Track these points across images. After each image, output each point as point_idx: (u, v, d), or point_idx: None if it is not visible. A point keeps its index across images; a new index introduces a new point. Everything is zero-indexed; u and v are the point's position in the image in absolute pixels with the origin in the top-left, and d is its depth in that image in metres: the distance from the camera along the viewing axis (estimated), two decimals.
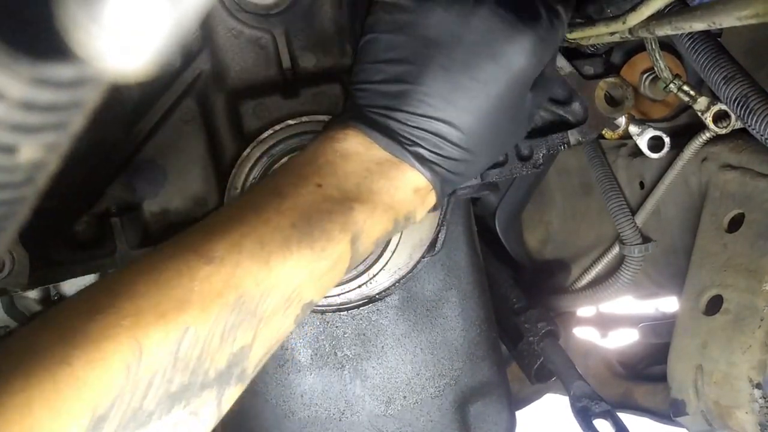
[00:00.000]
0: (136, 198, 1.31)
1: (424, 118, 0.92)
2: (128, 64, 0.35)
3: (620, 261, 1.72)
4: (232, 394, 0.82)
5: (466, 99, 0.92)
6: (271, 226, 0.81)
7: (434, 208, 1.01)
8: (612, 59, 1.55)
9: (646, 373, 1.86)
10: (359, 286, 1.29)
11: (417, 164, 0.92)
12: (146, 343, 0.71)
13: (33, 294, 1.33)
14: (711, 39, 1.26)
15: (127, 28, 0.34)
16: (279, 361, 1.31)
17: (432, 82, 0.91)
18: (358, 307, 1.31)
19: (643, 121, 1.48)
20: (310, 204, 0.85)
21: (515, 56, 0.92)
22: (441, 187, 0.96)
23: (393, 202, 0.91)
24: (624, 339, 1.97)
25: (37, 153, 0.42)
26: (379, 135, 0.92)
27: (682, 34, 1.26)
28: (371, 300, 1.31)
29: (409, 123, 0.92)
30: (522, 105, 0.98)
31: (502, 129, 0.97)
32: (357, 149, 0.92)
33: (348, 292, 1.29)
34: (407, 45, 0.93)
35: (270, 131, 1.28)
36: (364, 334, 1.32)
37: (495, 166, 1.31)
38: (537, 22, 0.94)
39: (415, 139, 0.92)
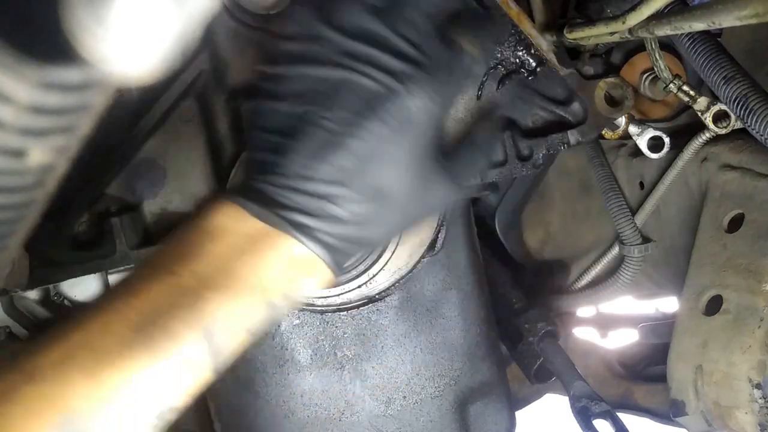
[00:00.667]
0: (136, 198, 1.31)
1: (303, 179, 0.81)
2: (135, 67, 0.35)
3: (620, 261, 1.72)
4: None
5: (354, 155, 0.81)
6: (110, 332, 0.73)
7: (333, 282, 0.87)
8: (612, 59, 1.55)
9: (646, 373, 1.86)
10: (359, 286, 1.29)
11: (294, 232, 0.80)
12: None
13: (33, 294, 1.33)
14: (711, 39, 1.26)
15: (133, 32, 0.34)
16: (279, 361, 1.31)
17: (309, 139, 0.82)
18: (357, 307, 1.31)
19: (643, 122, 1.48)
20: (157, 298, 0.75)
21: (413, 103, 0.82)
22: (331, 256, 0.82)
23: (262, 283, 0.79)
24: (624, 339, 1.97)
25: (46, 156, 0.41)
26: (249, 202, 0.80)
27: (681, 34, 1.26)
28: (371, 300, 1.31)
29: (285, 185, 0.81)
30: (425, 167, 0.86)
31: (403, 188, 0.85)
32: (226, 224, 0.80)
33: (348, 292, 1.29)
34: (284, 108, 0.84)
35: None
36: (363, 335, 1.32)
37: (495, 165, 1.31)
38: (436, 61, 0.84)
39: (292, 203, 0.80)
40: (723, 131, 1.41)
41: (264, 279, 0.80)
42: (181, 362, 0.75)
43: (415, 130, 0.83)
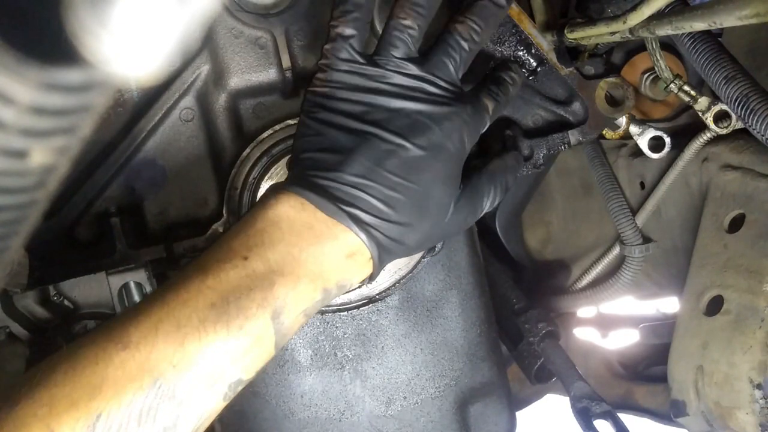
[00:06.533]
0: (136, 198, 1.30)
1: (365, 180, 0.92)
2: (137, 68, 0.35)
3: (621, 261, 1.72)
4: None
5: (404, 166, 0.94)
6: (190, 307, 0.83)
7: (370, 278, 0.99)
8: (612, 59, 1.55)
9: (647, 373, 1.86)
10: (359, 287, 1.29)
11: (353, 225, 0.91)
12: (58, 430, 0.75)
13: (33, 294, 1.33)
14: (712, 39, 1.26)
15: (136, 32, 0.34)
16: (279, 361, 1.31)
17: (370, 150, 0.94)
18: (358, 307, 1.31)
19: (644, 121, 1.48)
20: (231, 280, 0.85)
21: (448, 133, 0.98)
22: (378, 253, 0.94)
23: (322, 270, 0.90)
24: (624, 339, 1.97)
25: (48, 157, 0.42)
26: (313, 195, 0.91)
27: (682, 34, 1.26)
28: (371, 300, 1.31)
29: (346, 183, 0.92)
30: (454, 187, 1.01)
31: (438, 201, 0.98)
32: (288, 213, 0.91)
33: (348, 292, 1.29)
34: (346, 122, 0.97)
35: (270, 131, 1.28)
36: (364, 335, 1.32)
37: None
38: (464, 108, 1.00)
39: (351, 199, 0.92)
40: (724, 131, 1.41)
41: (324, 267, 0.90)
42: (252, 338, 0.85)
43: (451, 151, 0.98)
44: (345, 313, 1.31)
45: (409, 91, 0.98)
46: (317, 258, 0.90)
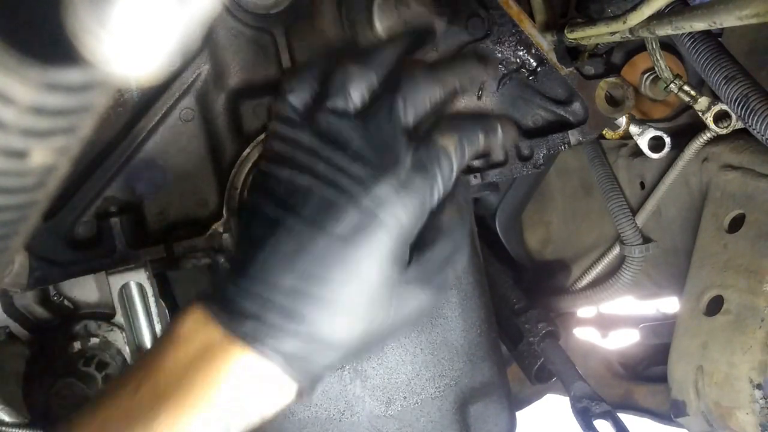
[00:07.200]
0: (136, 198, 1.30)
1: (265, 286, 0.76)
2: (137, 68, 0.35)
3: (621, 261, 1.72)
4: None
5: (316, 261, 0.77)
6: None
7: (301, 396, 0.81)
8: (612, 59, 1.55)
9: (647, 373, 1.86)
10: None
11: (251, 342, 0.75)
12: None
13: (33, 294, 1.33)
14: (712, 39, 1.26)
15: (135, 32, 0.34)
16: None
17: (281, 244, 0.78)
18: None
19: (644, 121, 1.48)
20: (120, 410, 0.75)
21: (375, 212, 0.77)
22: (297, 366, 0.77)
23: (219, 397, 0.76)
24: (624, 340, 1.96)
25: (48, 157, 0.42)
26: (215, 306, 0.77)
27: (682, 34, 1.26)
28: None
29: (248, 289, 0.76)
30: (395, 272, 0.79)
31: (369, 298, 0.79)
32: (189, 330, 0.77)
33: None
34: (266, 208, 0.81)
35: None
36: None
37: (495, 166, 1.31)
38: (397, 168, 0.79)
39: (255, 310, 0.76)
40: (724, 131, 1.41)
41: (220, 393, 0.76)
42: None
43: (380, 234, 0.78)
44: None
45: (336, 159, 0.79)
46: (210, 382, 0.76)
